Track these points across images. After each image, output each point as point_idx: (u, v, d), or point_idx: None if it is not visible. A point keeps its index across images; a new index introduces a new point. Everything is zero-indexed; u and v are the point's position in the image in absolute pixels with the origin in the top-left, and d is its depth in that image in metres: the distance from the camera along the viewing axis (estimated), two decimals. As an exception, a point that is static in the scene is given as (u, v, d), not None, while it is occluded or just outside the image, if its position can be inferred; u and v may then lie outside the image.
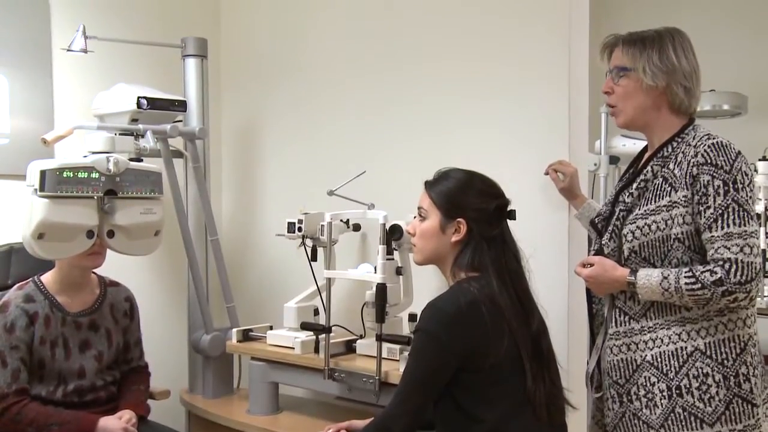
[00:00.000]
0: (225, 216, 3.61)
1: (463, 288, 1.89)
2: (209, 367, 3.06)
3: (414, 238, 2.03)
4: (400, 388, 1.91)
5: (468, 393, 1.86)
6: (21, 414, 2.37)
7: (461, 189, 1.97)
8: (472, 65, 2.73)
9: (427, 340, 1.86)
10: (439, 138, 2.80)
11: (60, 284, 2.57)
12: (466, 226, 1.94)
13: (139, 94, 2.75)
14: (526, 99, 2.60)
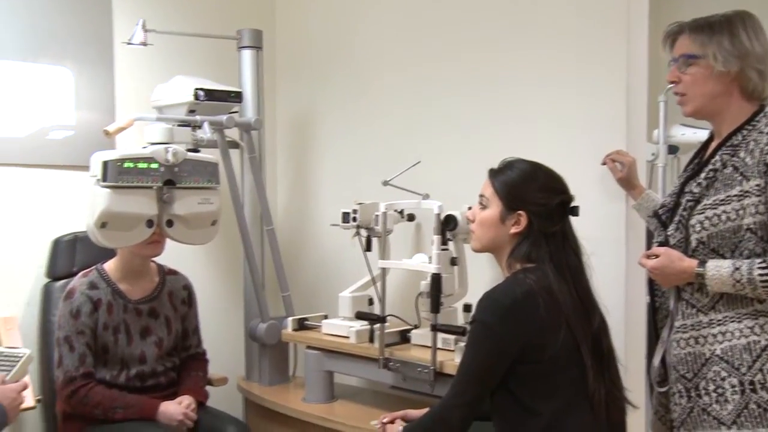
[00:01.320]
0: (280, 206, 3.64)
1: (519, 279, 1.88)
2: (265, 355, 3.10)
3: (473, 224, 2.01)
4: (456, 379, 1.90)
5: (524, 385, 1.85)
6: (88, 396, 2.45)
7: (524, 181, 1.94)
8: (529, 55, 2.69)
9: (483, 332, 1.85)
10: (495, 128, 2.78)
11: (121, 272, 2.64)
12: (526, 219, 1.92)
13: (196, 86, 2.79)
14: (582, 88, 2.56)
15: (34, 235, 2.90)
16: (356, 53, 3.31)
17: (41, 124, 2.93)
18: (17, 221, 2.89)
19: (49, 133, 2.95)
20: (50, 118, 2.95)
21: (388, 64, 3.17)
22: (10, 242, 2.87)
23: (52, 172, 2.96)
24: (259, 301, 3.02)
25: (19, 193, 2.90)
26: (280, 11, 3.65)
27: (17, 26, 2.87)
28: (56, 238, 2.90)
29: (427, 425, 1.96)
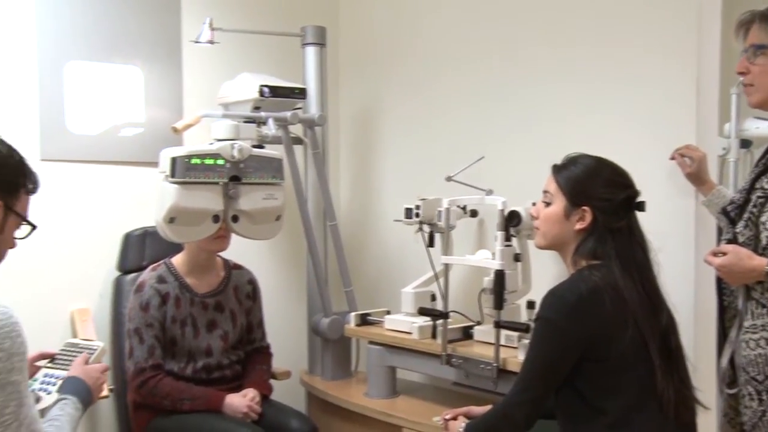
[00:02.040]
0: (343, 201, 3.66)
1: (584, 275, 1.86)
2: (328, 350, 3.12)
3: (537, 221, 2.00)
4: (520, 376, 1.89)
5: (590, 383, 1.82)
6: (157, 387, 2.51)
7: (589, 176, 1.92)
8: (595, 48, 2.65)
9: (548, 329, 1.84)
10: (560, 123, 2.74)
11: (188, 266, 2.69)
12: (591, 214, 1.89)
13: (261, 83, 2.83)
14: (650, 81, 2.50)
15: (106, 230, 2.99)
16: (419, 49, 3.30)
17: (113, 121, 3.01)
18: (90, 216, 2.97)
19: (121, 131, 3.03)
20: (121, 115, 3.03)
21: (452, 60, 3.15)
22: (84, 236, 2.95)
23: (123, 169, 3.04)
24: (322, 296, 3.04)
25: (92, 188, 2.98)
26: (344, 8, 3.67)
27: (91, 29, 2.96)
28: (127, 233, 2.98)
29: (490, 422, 1.95)
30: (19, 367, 1.50)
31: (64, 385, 1.81)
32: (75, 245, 2.93)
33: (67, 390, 1.78)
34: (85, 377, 1.83)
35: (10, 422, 1.48)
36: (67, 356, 1.94)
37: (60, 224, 2.89)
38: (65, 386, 1.80)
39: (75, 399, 1.75)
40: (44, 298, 2.80)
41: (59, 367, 1.91)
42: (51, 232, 2.86)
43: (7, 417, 1.48)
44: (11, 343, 1.48)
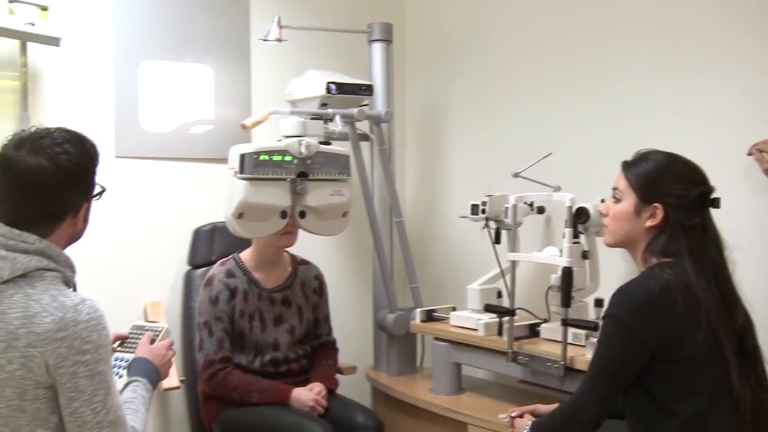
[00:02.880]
0: (409, 198, 3.66)
1: (655, 274, 1.81)
2: (393, 346, 3.12)
3: (606, 219, 1.96)
4: (588, 375, 1.86)
5: (661, 384, 1.78)
6: (226, 380, 2.56)
7: (660, 172, 1.87)
8: (667, 42, 2.59)
9: (616, 327, 1.80)
10: (631, 119, 2.68)
11: (256, 261, 2.73)
12: (662, 211, 1.84)
13: (328, 80, 2.85)
14: (726, 76, 2.43)
15: (177, 225, 3.05)
16: (486, 45, 3.28)
17: (184, 119, 3.08)
18: (162, 212, 3.05)
19: (191, 128, 3.10)
20: (192, 113, 3.10)
21: (520, 56, 3.12)
22: (156, 231, 3.03)
23: (193, 165, 3.10)
24: (387, 292, 3.05)
25: (164, 184, 3.06)
26: (410, 5, 3.67)
27: (165, 29, 3.04)
28: (196, 228, 3.05)
29: (557, 421, 1.93)
30: (105, 358, 1.57)
31: (133, 366, 1.85)
32: (147, 240, 3.01)
33: (136, 371, 1.83)
34: (152, 357, 1.88)
35: (99, 409, 1.54)
36: (135, 339, 1.99)
37: (133, 219, 2.96)
38: (134, 368, 1.85)
39: (145, 380, 1.80)
40: (119, 291, 2.87)
41: (128, 351, 1.96)
42: (125, 228, 2.94)
43: (96, 404, 1.54)
44: (98, 335, 1.54)
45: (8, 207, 1.60)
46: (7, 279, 1.54)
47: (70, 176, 1.61)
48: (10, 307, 1.52)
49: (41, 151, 1.57)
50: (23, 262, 1.55)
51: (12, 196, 1.59)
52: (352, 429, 2.56)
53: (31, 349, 1.50)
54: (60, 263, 1.61)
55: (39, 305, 1.52)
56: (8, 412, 1.51)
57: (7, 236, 1.57)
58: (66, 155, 1.59)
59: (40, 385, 1.52)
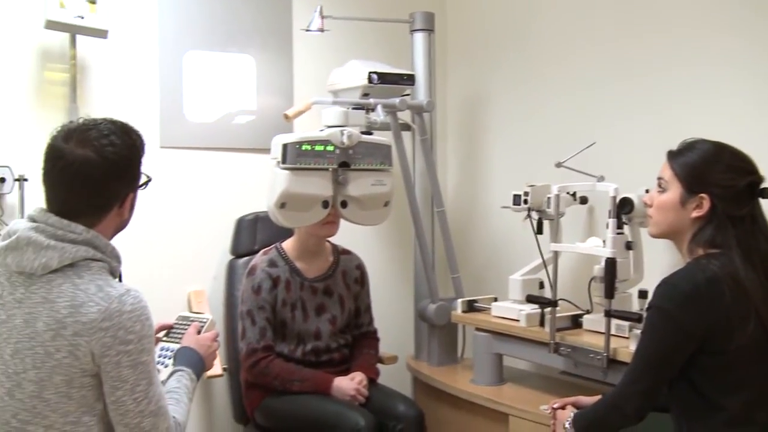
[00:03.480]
0: (450, 187, 3.65)
1: (702, 264, 1.78)
2: (434, 336, 3.12)
3: (650, 209, 1.93)
4: (631, 367, 1.84)
5: (707, 377, 1.75)
6: (268, 368, 2.58)
7: (707, 162, 1.83)
8: (715, 29, 2.53)
9: (661, 319, 1.78)
10: (677, 108, 2.64)
11: (298, 251, 2.75)
12: (709, 202, 1.81)
13: (370, 70, 2.85)
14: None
15: (220, 215, 3.09)
16: (528, 33, 3.25)
17: (227, 109, 3.11)
18: (205, 201, 3.09)
19: (234, 118, 3.13)
20: (235, 103, 3.13)
21: (563, 44, 3.09)
22: (199, 221, 3.07)
23: (236, 155, 3.14)
24: (429, 282, 3.05)
25: (207, 174, 3.09)
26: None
27: (209, 19, 3.07)
28: (239, 218, 3.07)
29: (600, 413, 1.91)
30: (148, 348, 1.59)
31: (178, 356, 1.88)
32: (191, 229, 3.05)
33: (181, 361, 1.85)
34: (198, 347, 1.90)
35: (141, 399, 1.57)
36: (181, 329, 2.01)
37: (177, 209, 3.01)
38: (179, 357, 1.87)
39: (189, 370, 1.82)
40: (163, 280, 2.93)
41: (173, 341, 1.98)
42: (169, 217, 2.98)
43: (138, 394, 1.57)
44: (141, 326, 1.57)
45: (57, 198, 1.63)
46: (56, 268, 1.57)
47: (116, 168, 1.63)
48: (58, 296, 1.55)
49: (88, 143, 1.60)
50: (71, 252, 1.58)
51: (60, 187, 1.62)
52: (392, 418, 2.56)
53: (78, 338, 1.53)
54: (106, 253, 1.64)
55: (85, 295, 1.55)
56: (57, 399, 1.54)
57: (56, 226, 1.60)
58: (112, 147, 1.62)
59: (87, 373, 1.55)
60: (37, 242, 1.57)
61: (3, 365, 1.56)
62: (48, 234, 1.58)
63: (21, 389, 1.54)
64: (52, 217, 1.61)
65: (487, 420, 2.67)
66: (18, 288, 1.58)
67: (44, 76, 2.71)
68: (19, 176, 2.62)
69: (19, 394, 1.54)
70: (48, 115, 2.68)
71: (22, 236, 1.58)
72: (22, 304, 1.56)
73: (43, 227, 1.59)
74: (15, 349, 1.55)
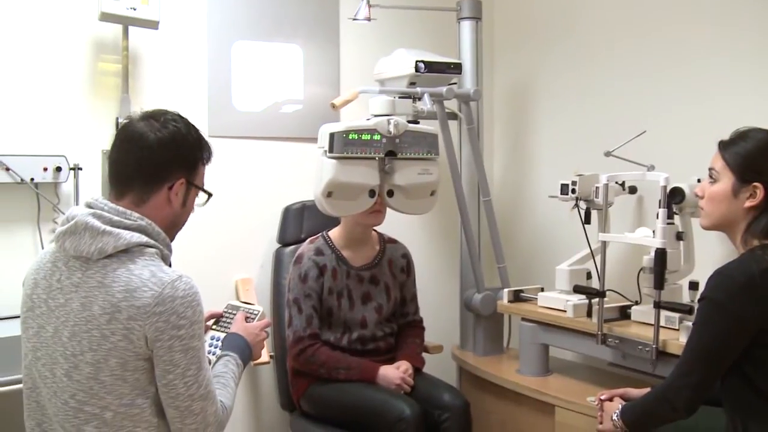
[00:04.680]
0: (497, 177, 3.64)
1: (757, 256, 1.75)
2: (480, 326, 3.12)
3: (702, 201, 1.91)
4: (682, 359, 1.83)
5: (762, 371, 1.72)
6: (315, 356, 2.61)
7: (761, 151, 1.80)
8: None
9: (714, 310, 1.76)
10: (730, 96, 2.58)
11: (345, 240, 2.77)
12: (763, 191, 1.78)
13: (416, 58, 2.85)
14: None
15: (267, 203, 3.12)
16: (577, 20, 3.21)
17: (274, 98, 3.14)
18: (253, 190, 3.12)
19: (282, 107, 3.16)
20: (282, 93, 3.16)
21: (612, 31, 3.05)
22: (247, 210, 3.10)
23: (283, 144, 3.16)
24: (474, 271, 3.05)
25: (255, 163, 3.13)
26: (500, -20, 3.63)
27: (257, 9, 3.10)
28: (286, 207, 3.10)
29: (649, 405, 1.90)
30: (198, 333, 1.63)
31: (226, 341, 1.91)
32: (239, 218, 3.09)
33: (229, 347, 1.89)
34: (246, 334, 1.93)
35: (191, 383, 1.61)
36: (230, 319, 2.04)
37: (225, 198, 3.03)
38: (227, 343, 1.91)
39: (236, 356, 1.85)
40: (211, 268, 2.97)
41: (223, 330, 2.01)
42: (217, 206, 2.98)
43: (189, 378, 1.60)
44: (193, 311, 1.61)
45: (113, 167, 1.70)
46: (111, 253, 1.61)
47: (173, 141, 1.69)
48: (114, 281, 1.59)
49: (155, 118, 1.70)
50: (126, 238, 1.61)
51: (119, 153, 1.70)
52: (438, 408, 2.57)
53: (132, 322, 1.56)
54: (159, 241, 1.68)
55: (139, 280, 1.59)
56: (112, 381, 1.58)
57: (112, 212, 1.64)
58: (174, 123, 1.70)
59: (140, 357, 1.59)
60: (94, 227, 1.61)
61: (61, 347, 1.60)
62: (104, 220, 1.62)
63: (78, 371, 1.58)
64: (109, 204, 1.65)
65: (532, 411, 2.67)
66: (75, 272, 1.62)
67: (98, 67, 2.76)
68: (74, 165, 2.68)
69: (77, 375, 1.59)
70: (101, 105, 2.74)
71: (80, 221, 1.62)
72: (79, 288, 1.60)
73: (100, 213, 1.63)
74: (72, 332, 1.59)
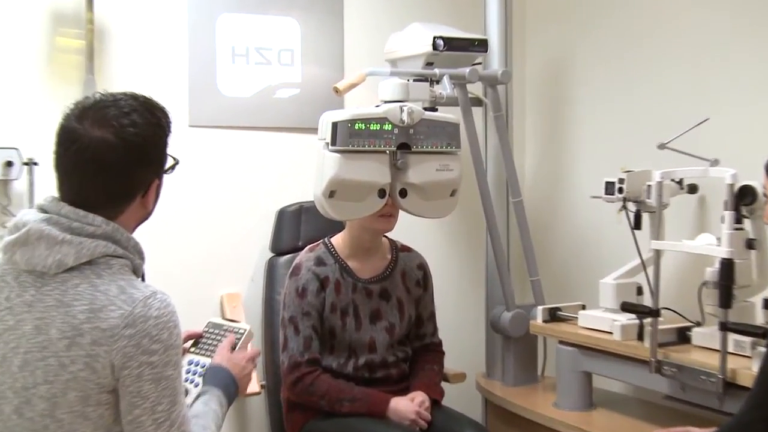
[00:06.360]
0: (529, 174, 3.64)
1: None
2: (510, 350, 3.11)
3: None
4: (753, 391, 1.81)
5: None
6: (314, 385, 2.58)
7: None
8: None
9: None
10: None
11: (350, 248, 2.74)
12: None
13: (434, 34, 2.84)
14: None
15: (258, 205, 3.12)
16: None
17: (267, 82, 3.13)
18: (242, 189, 3.11)
19: (276, 92, 3.15)
20: (276, 75, 3.15)
21: (665, 5, 3.02)
22: (234, 212, 3.10)
23: (277, 135, 3.16)
24: (503, 285, 3.03)
25: (244, 158, 3.12)
26: (532, -57, 3.63)
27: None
28: (281, 209, 3.10)
29: (715, 447, 1.86)
30: (174, 361, 1.59)
31: (208, 375, 1.88)
32: (225, 222, 3.08)
33: (210, 381, 1.85)
34: (231, 366, 1.90)
35: (162, 420, 1.57)
36: (212, 340, 2.00)
37: (209, 198, 3.04)
38: (209, 377, 1.87)
39: (219, 393, 1.81)
40: (192, 281, 2.96)
41: (203, 353, 1.98)
42: (199, 208, 3.01)
43: (159, 414, 1.56)
44: (168, 334, 1.57)
45: (72, 186, 1.63)
46: (72, 266, 1.57)
47: (139, 152, 1.63)
48: (75, 299, 1.56)
49: (106, 122, 1.60)
50: (89, 248, 1.58)
51: (74, 175, 1.62)
52: (460, 447, 2.56)
53: (96, 348, 1.53)
54: (128, 249, 1.65)
55: (106, 297, 1.56)
56: (71, 419, 1.54)
57: (71, 218, 1.60)
58: (133, 128, 1.62)
59: (105, 389, 1.55)
60: (51, 236, 1.57)
61: (10, 379, 1.57)
62: (63, 227, 1.59)
63: (31, 407, 1.55)
64: (66, 207, 1.61)
65: (573, 452, 2.66)
66: (28, 289, 1.59)
67: (56, 43, 2.76)
68: (29, 160, 2.67)
69: (29, 412, 1.55)
70: (61, 88, 2.73)
71: (34, 229, 1.58)
72: (33, 308, 1.57)
73: (56, 219, 1.60)
74: (24, 360, 1.56)
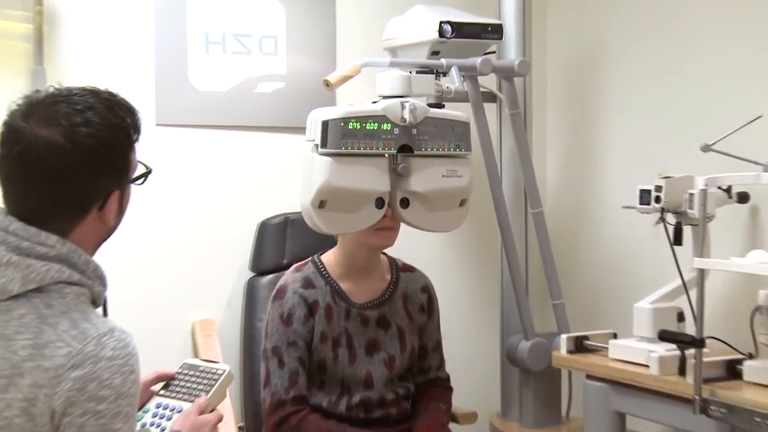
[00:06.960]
0: (550, 180, 3.65)
1: None
2: (529, 385, 3.11)
3: None
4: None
5: None
6: (300, 427, 2.55)
7: None
8: None
9: None
10: None
11: (343, 267, 2.72)
12: None
13: (441, 19, 2.85)
14: None
15: (237, 217, 3.12)
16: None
17: (247, 74, 3.14)
18: (217, 198, 3.10)
19: (257, 86, 3.16)
20: (257, 66, 3.15)
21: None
22: (209, 226, 3.09)
23: (258, 136, 3.17)
24: (521, 310, 3.03)
25: (220, 162, 3.11)
26: None
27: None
28: (262, 222, 3.09)
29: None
30: (126, 412, 1.55)
31: None
32: (197, 237, 3.07)
33: None
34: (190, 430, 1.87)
35: None
36: (185, 383, 2.00)
37: (178, 209, 3.03)
38: None
39: None
40: (159, 306, 2.96)
41: (174, 396, 1.98)
42: (166, 220, 2.99)
43: None
44: (122, 380, 1.54)
45: (16, 195, 1.61)
46: (18, 293, 1.55)
47: (93, 156, 1.60)
48: (18, 332, 1.53)
49: (55, 121, 1.58)
50: (39, 272, 1.55)
51: (19, 181, 1.60)
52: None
53: (36, 390, 1.50)
54: (86, 274, 1.62)
55: (54, 332, 1.53)
56: None
57: (20, 236, 1.58)
58: (87, 127, 1.59)
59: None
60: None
61: None
62: (9, 246, 1.56)
63: None
64: (15, 222, 1.59)
65: (604, 505, 2.65)
66: None
67: (0, 28, 2.74)
68: (-31, 165, 2.63)
69: None
70: (5, 80, 2.73)
71: (-27, 250, 1.56)
72: None
73: (2, 236, 1.58)
74: None
